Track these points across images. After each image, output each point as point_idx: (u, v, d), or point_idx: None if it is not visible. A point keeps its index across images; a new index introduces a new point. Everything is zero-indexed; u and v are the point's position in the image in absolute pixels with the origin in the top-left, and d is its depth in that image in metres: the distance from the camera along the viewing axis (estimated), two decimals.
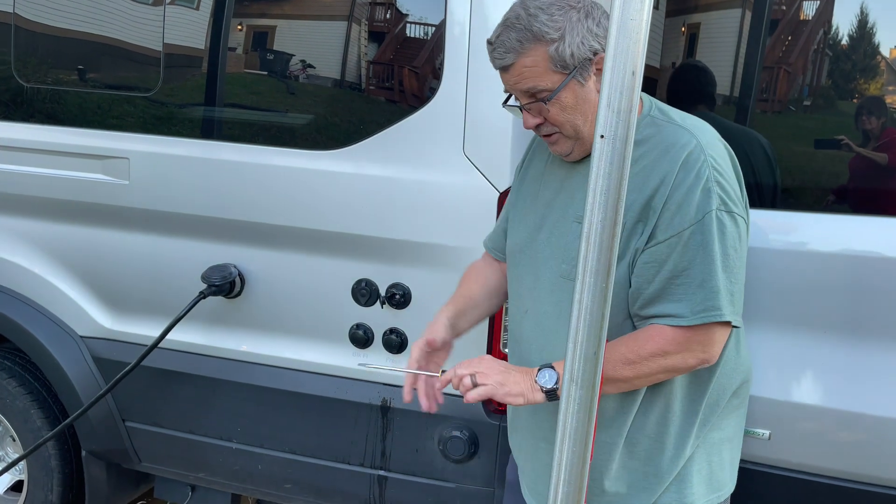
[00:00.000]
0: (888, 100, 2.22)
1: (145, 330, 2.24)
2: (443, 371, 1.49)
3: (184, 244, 2.18)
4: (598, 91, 1.34)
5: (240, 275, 2.14)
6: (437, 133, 1.91)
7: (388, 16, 2.00)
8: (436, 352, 1.57)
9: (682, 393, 1.47)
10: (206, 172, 2.12)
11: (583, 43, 1.35)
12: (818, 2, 2.23)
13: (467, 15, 1.86)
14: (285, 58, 2.09)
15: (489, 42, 1.41)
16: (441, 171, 1.92)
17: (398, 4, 1.98)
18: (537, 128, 1.45)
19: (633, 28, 1.05)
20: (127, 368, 2.12)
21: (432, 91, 1.92)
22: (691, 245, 1.33)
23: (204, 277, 2.10)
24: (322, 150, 2.02)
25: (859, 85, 2.23)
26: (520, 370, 1.42)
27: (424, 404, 1.52)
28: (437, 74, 1.91)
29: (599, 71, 1.38)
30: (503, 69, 1.39)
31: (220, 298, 2.15)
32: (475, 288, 1.69)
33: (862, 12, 2.14)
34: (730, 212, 1.35)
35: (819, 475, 1.87)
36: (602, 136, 1.09)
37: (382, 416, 2.08)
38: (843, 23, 2.15)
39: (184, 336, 2.20)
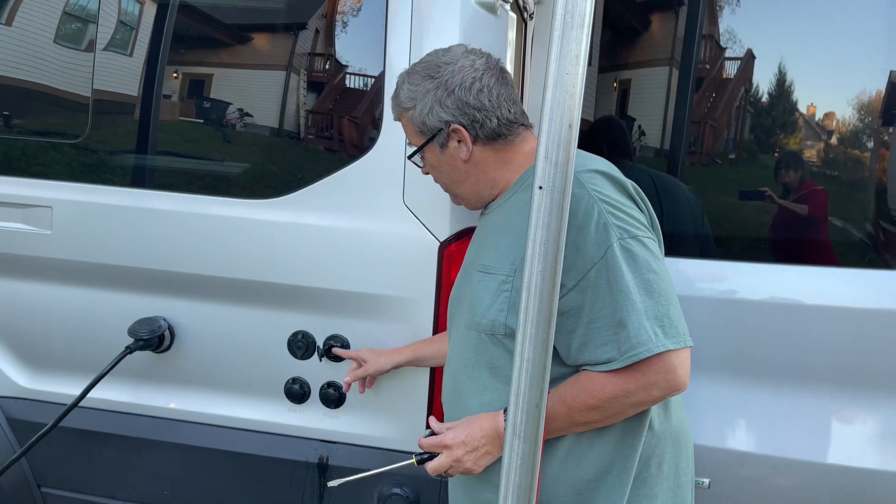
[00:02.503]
0: (806, 154, 2.34)
1: (66, 388, 2.12)
2: (419, 457, 1.45)
3: (109, 296, 2.09)
4: (466, 160, 1.48)
5: (169, 328, 2.05)
6: (377, 182, 1.90)
7: (326, 66, 2.00)
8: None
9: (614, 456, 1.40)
10: (136, 221, 2.04)
11: (431, 113, 1.46)
12: (739, 62, 2.35)
13: (406, 65, 1.87)
14: (221, 106, 2.06)
15: None
16: (380, 220, 1.90)
17: (337, 55, 1.98)
18: None
19: (568, 82, 1.08)
20: (43, 430, 1.98)
21: (371, 140, 1.91)
22: (600, 284, 1.28)
23: (131, 331, 2.01)
24: (259, 198, 1.98)
25: (780, 140, 2.34)
26: (492, 442, 1.38)
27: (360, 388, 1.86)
28: (376, 124, 1.91)
29: (462, 141, 1.47)
30: None
31: (147, 353, 2.05)
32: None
33: (780, 71, 2.26)
34: (634, 237, 1.31)
35: None
36: (540, 188, 1.10)
37: (319, 474, 2.00)
38: (763, 81, 2.27)
39: (107, 394, 2.09)
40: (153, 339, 2.01)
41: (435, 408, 1.93)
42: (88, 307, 2.11)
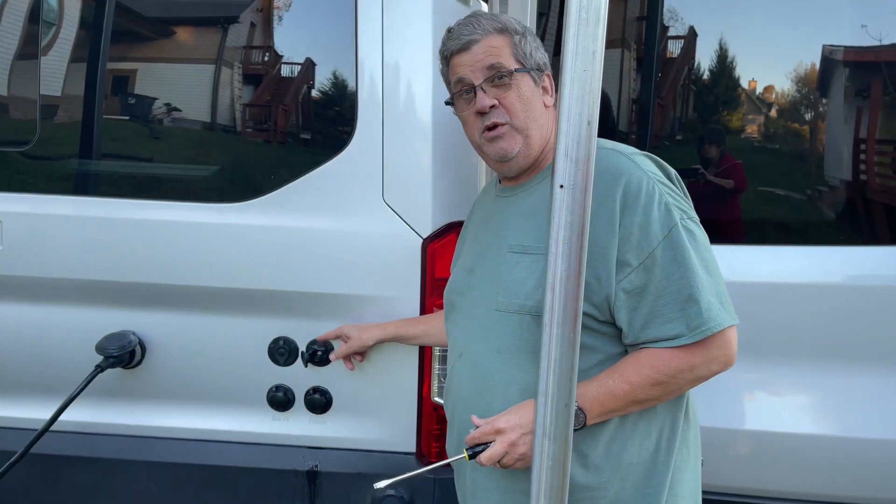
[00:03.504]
0: (748, 129, 2.42)
1: (30, 412, 1.98)
2: (470, 450, 1.36)
3: (73, 313, 1.97)
4: (549, 106, 1.47)
5: (140, 342, 1.95)
6: (355, 180, 1.85)
7: (296, 62, 1.93)
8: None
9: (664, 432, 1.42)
10: (96, 232, 1.93)
11: (538, 49, 1.48)
12: (683, 41, 2.41)
13: (379, 62, 1.83)
14: (186, 106, 1.95)
15: (449, 30, 1.48)
16: (360, 219, 1.85)
17: (308, 53, 1.91)
18: (488, 113, 1.43)
19: (586, 78, 1.06)
20: (12, 460, 1.85)
21: (347, 137, 1.86)
22: (666, 262, 1.30)
23: (99, 348, 1.90)
24: (230, 202, 1.90)
25: (722, 117, 2.41)
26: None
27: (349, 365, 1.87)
28: (351, 121, 1.85)
29: (545, 90, 1.48)
30: (465, 47, 1.43)
31: (118, 370, 1.94)
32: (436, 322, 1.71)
33: (721, 48, 2.33)
34: (691, 218, 1.35)
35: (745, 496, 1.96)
36: (562, 186, 1.08)
37: (309, 481, 1.95)
38: (705, 59, 2.33)
39: (77, 415, 1.96)
40: (124, 355, 1.91)
41: (425, 406, 1.91)
42: (48, 325, 1.98)
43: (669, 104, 2.35)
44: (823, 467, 2.06)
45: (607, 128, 2.23)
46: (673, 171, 1.43)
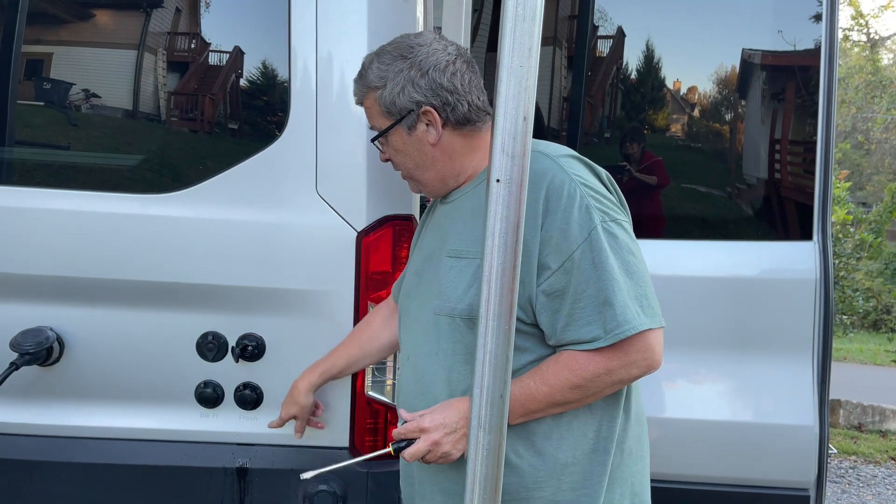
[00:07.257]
0: (673, 128, 2.52)
1: None
2: (395, 445, 1.38)
3: None
4: (434, 144, 1.45)
5: (58, 338, 1.87)
6: (287, 172, 1.82)
7: (228, 50, 1.88)
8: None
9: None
10: (13, 222, 1.83)
11: (402, 93, 1.44)
12: (611, 41, 2.48)
13: (312, 51, 1.80)
14: (113, 92, 1.88)
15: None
16: (293, 211, 1.83)
17: (239, 38, 1.86)
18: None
19: (522, 74, 1.08)
20: None
21: (279, 128, 1.82)
22: (584, 265, 1.30)
23: (14, 345, 1.80)
24: (156, 193, 1.84)
25: (648, 115, 2.50)
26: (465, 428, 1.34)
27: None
28: (283, 111, 1.82)
29: (431, 123, 1.45)
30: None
31: (34, 367, 1.85)
32: (363, 339, 1.67)
33: (648, 48, 2.41)
34: (614, 220, 1.35)
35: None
36: (498, 181, 1.10)
37: (239, 479, 1.91)
38: (633, 59, 2.41)
39: None
40: (40, 351, 1.82)
41: (359, 400, 1.90)
42: None
43: (599, 102, 2.41)
44: (737, 452, 2.17)
45: (539, 126, 2.27)
46: (604, 173, 1.44)
